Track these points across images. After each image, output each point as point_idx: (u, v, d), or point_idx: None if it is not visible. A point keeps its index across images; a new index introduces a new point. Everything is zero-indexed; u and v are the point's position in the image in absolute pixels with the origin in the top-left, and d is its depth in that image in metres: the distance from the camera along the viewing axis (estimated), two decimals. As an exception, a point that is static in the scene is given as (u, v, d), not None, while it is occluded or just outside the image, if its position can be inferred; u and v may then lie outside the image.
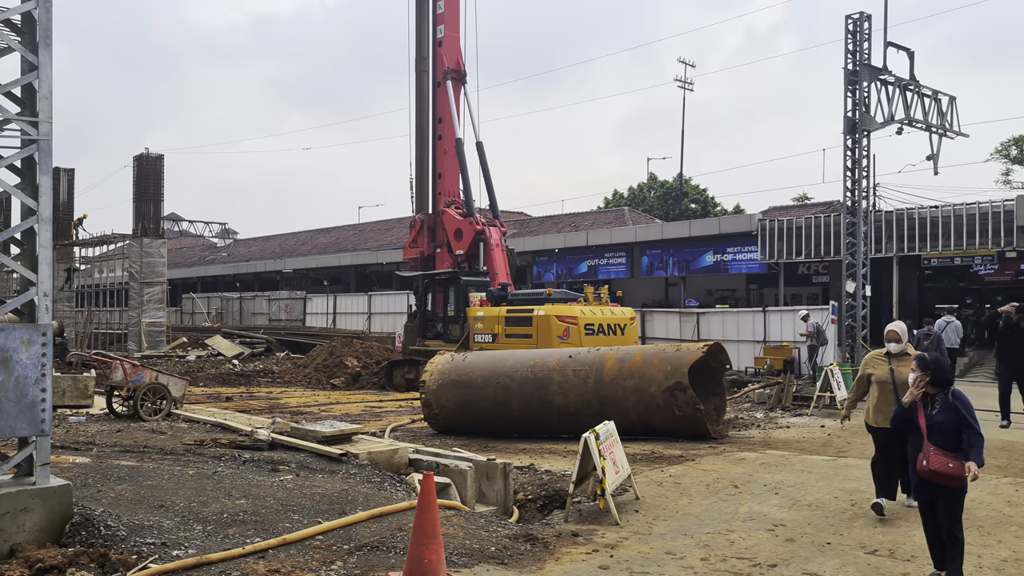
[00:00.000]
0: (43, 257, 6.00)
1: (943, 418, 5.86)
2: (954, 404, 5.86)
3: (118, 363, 14.50)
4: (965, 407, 5.84)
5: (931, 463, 5.79)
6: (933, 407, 5.96)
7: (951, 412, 5.85)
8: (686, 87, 53.81)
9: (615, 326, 19.98)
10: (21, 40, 6.10)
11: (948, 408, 5.88)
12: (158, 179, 32.33)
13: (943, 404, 5.91)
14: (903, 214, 26.75)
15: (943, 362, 6.09)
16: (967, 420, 5.80)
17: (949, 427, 5.82)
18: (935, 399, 5.96)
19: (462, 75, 24.23)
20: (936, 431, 5.86)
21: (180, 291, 52.12)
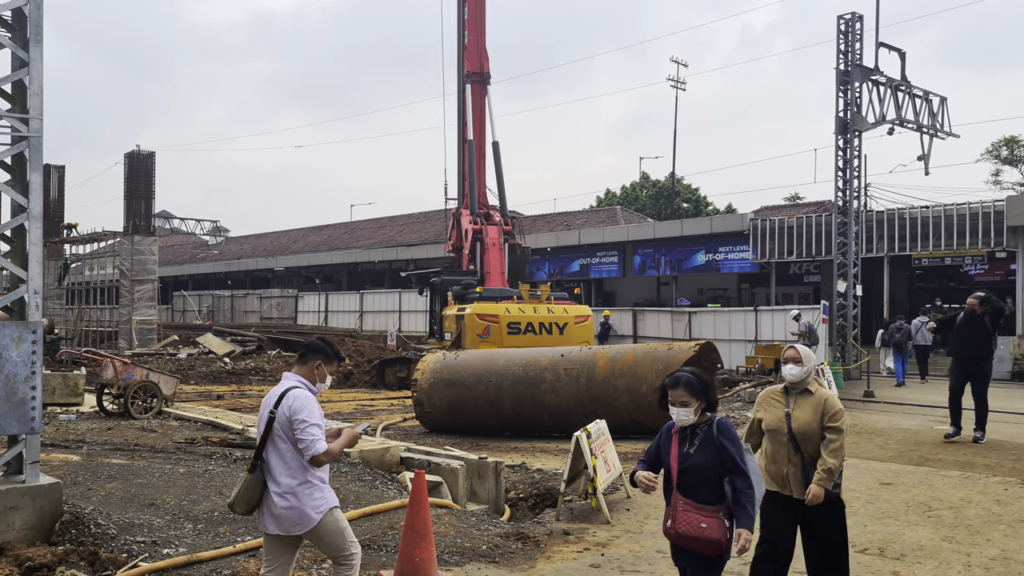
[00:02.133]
0: (33, 254, 5.97)
1: (701, 459, 4.29)
2: (718, 440, 4.30)
3: (108, 361, 14.45)
4: (733, 443, 4.31)
5: (678, 524, 4.27)
6: (690, 443, 4.38)
7: (713, 451, 4.29)
8: (678, 87, 53.93)
9: (550, 325, 19.72)
10: (11, 36, 6.07)
11: (710, 445, 4.31)
12: (149, 176, 32.18)
13: (704, 439, 4.35)
14: (894, 214, 26.86)
15: (703, 377, 4.47)
16: (734, 462, 4.25)
17: (708, 472, 4.28)
18: (695, 431, 4.39)
19: (484, 77, 24.39)
20: (690, 477, 4.30)
21: (171, 289, 51.94)
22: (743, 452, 4.36)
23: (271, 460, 4.43)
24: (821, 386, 5.29)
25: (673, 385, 4.43)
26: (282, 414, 4.39)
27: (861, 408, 16.53)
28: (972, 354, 11.85)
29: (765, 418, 5.26)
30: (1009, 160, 43.46)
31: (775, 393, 5.38)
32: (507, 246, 23.27)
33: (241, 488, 4.46)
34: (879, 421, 14.45)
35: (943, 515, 7.74)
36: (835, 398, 5.18)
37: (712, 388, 4.47)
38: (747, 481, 4.26)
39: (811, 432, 5.03)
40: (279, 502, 4.39)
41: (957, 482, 9.26)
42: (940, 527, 7.31)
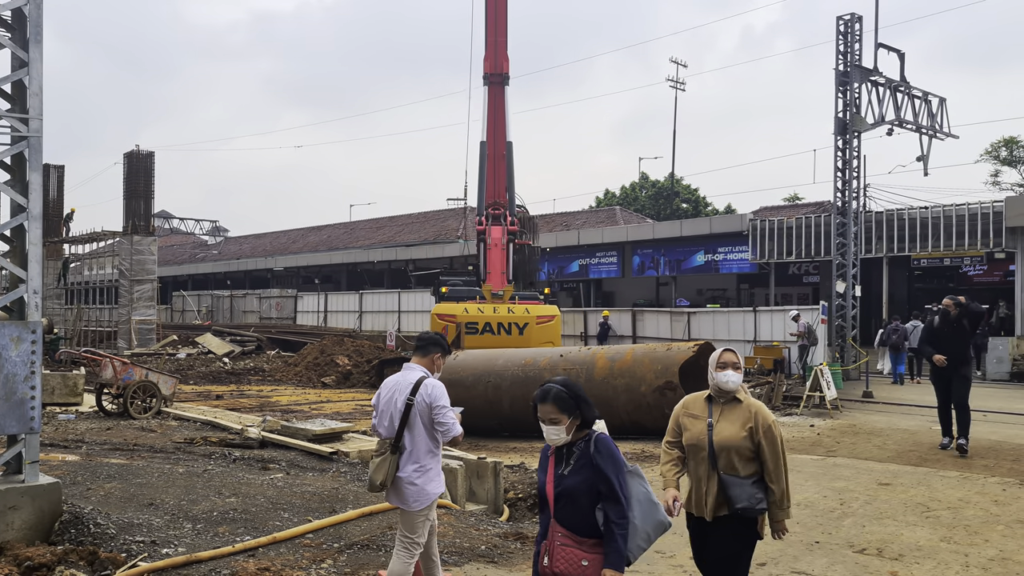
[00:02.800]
0: (33, 254, 5.98)
1: (576, 481, 3.71)
2: (595, 459, 3.71)
3: (108, 361, 14.45)
4: (611, 463, 3.70)
5: (556, 561, 3.71)
6: (566, 463, 3.79)
7: (589, 472, 3.70)
8: (678, 87, 53.97)
9: (510, 325, 19.62)
10: (11, 36, 6.08)
11: (586, 465, 3.72)
12: (149, 176, 32.18)
13: (580, 458, 3.76)
14: (893, 215, 26.87)
15: (575, 389, 3.85)
16: (610, 486, 3.66)
17: (586, 496, 3.69)
18: (571, 450, 3.80)
19: (503, 78, 24.45)
20: (566, 503, 3.72)
21: (170, 289, 51.94)
22: (624, 474, 3.73)
23: (407, 443, 5.00)
24: (749, 395, 4.59)
25: (541, 400, 3.81)
26: (421, 401, 4.97)
27: (860, 408, 16.55)
28: (952, 358, 11.05)
29: (686, 433, 4.57)
30: (1008, 161, 43.50)
31: (696, 403, 4.64)
32: (511, 246, 23.24)
33: (387, 467, 4.96)
34: (878, 421, 14.46)
35: (941, 515, 7.75)
36: (767, 409, 4.47)
37: (586, 401, 3.83)
38: (621, 510, 3.63)
39: (734, 448, 4.32)
40: (407, 480, 4.96)
41: (955, 483, 9.28)
42: (938, 527, 7.32)
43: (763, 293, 32.17)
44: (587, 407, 3.81)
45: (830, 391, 16.05)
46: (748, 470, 4.34)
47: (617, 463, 3.73)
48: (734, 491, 4.30)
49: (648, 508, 3.81)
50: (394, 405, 5.03)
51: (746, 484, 4.32)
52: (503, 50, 24.57)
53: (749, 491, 4.32)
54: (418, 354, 5.23)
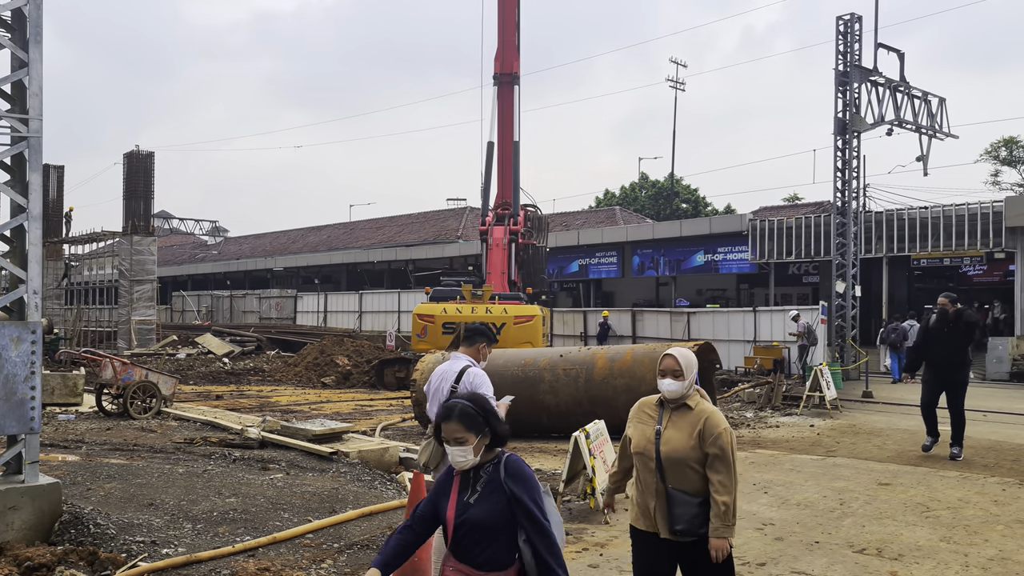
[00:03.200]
0: (33, 255, 5.98)
1: (483, 511, 3.23)
2: (506, 484, 3.24)
3: (108, 361, 14.45)
4: (526, 487, 3.24)
5: None
6: (472, 489, 3.31)
7: (500, 499, 3.23)
8: (678, 87, 53.97)
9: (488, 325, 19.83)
10: (11, 37, 6.08)
11: (496, 491, 3.25)
12: (148, 177, 32.20)
13: (488, 483, 3.28)
14: (893, 215, 26.88)
15: (483, 403, 3.40)
16: (530, 514, 3.21)
17: (493, 527, 3.23)
18: (479, 473, 3.32)
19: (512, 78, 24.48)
20: (467, 535, 3.24)
21: (170, 289, 51.93)
22: (541, 498, 3.29)
23: None
24: (705, 399, 4.19)
25: (445, 418, 3.33)
26: (464, 388, 5.22)
27: (860, 408, 16.55)
28: (947, 360, 10.60)
29: (633, 437, 4.19)
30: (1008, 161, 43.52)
31: (649, 406, 4.29)
32: (513, 246, 23.21)
33: (432, 451, 5.26)
34: (877, 421, 14.46)
35: (941, 515, 7.75)
36: (720, 416, 4.08)
37: (496, 415, 3.36)
38: (549, 539, 3.22)
39: (682, 458, 3.98)
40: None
41: (955, 482, 9.28)
42: (938, 527, 7.33)
43: (763, 293, 32.18)
44: (498, 422, 3.35)
45: (830, 391, 16.05)
46: (698, 484, 3.98)
47: (532, 486, 3.26)
48: (676, 509, 3.97)
49: (559, 530, 3.38)
50: (441, 392, 5.37)
51: (692, 503, 3.96)
52: (512, 50, 24.56)
53: (693, 512, 3.95)
54: (464, 344, 5.51)
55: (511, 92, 24.39)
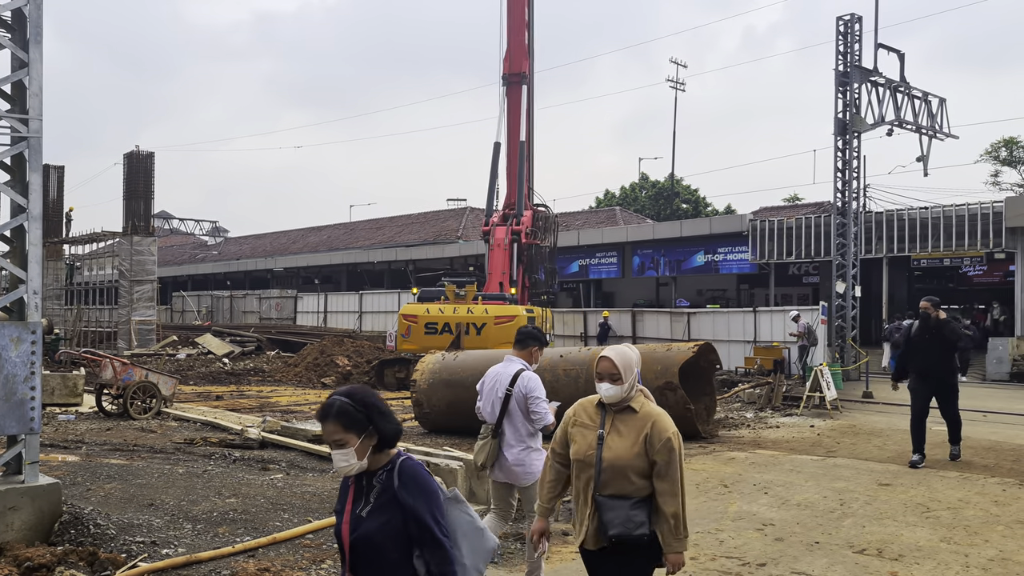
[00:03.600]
0: (33, 255, 5.98)
1: (377, 526, 2.87)
2: (400, 493, 2.87)
3: (108, 361, 14.45)
4: (423, 496, 2.88)
5: None
6: (365, 500, 2.95)
7: (394, 511, 2.87)
8: (678, 87, 53.97)
9: (468, 325, 19.93)
10: (11, 37, 6.08)
11: (390, 502, 2.88)
12: (148, 177, 32.19)
13: (382, 493, 2.91)
14: (893, 215, 26.88)
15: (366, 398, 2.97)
16: (425, 527, 2.85)
17: (387, 543, 2.87)
18: (372, 482, 2.95)
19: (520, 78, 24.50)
20: (362, 554, 2.90)
21: (170, 289, 51.92)
22: (440, 507, 2.92)
23: (506, 429, 5.55)
24: (650, 399, 3.82)
25: (322, 417, 2.98)
26: (519, 392, 5.51)
27: (860, 409, 16.55)
28: (934, 367, 10.12)
29: (573, 443, 3.80)
30: (1008, 161, 43.52)
31: (589, 408, 3.85)
32: (515, 246, 23.20)
33: (489, 451, 5.56)
34: (878, 422, 14.46)
35: (941, 516, 7.75)
36: (667, 418, 3.69)
37: (382, 412, 2.96)
38: (445, 556, 2.83)
39: (625, 466, 3.61)
40: (513, 461, 5.55)
41: (955, 483, 9.28)
42: (938, 528, 7.32)
43: (763, 293, 32.17)
44: (384, 419, 2.94)
45: (830, 391, 16.05)
46: (641, 492, 3.63)
47: (429, 494, 2.88)
48: (608, 515, 3.59)
49: (475, 539, 3.01)
50: (495, 394, 5.62)
51: (623, 505, 3.59)
52: (520, 50, 24.55)
53: (626, 514, 3.58)
54: (517, 347, 5.77)
55: (520, 92, 24.39)
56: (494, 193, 24.49)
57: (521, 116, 24.43)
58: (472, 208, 48.27)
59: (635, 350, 3.86)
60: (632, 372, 3.73)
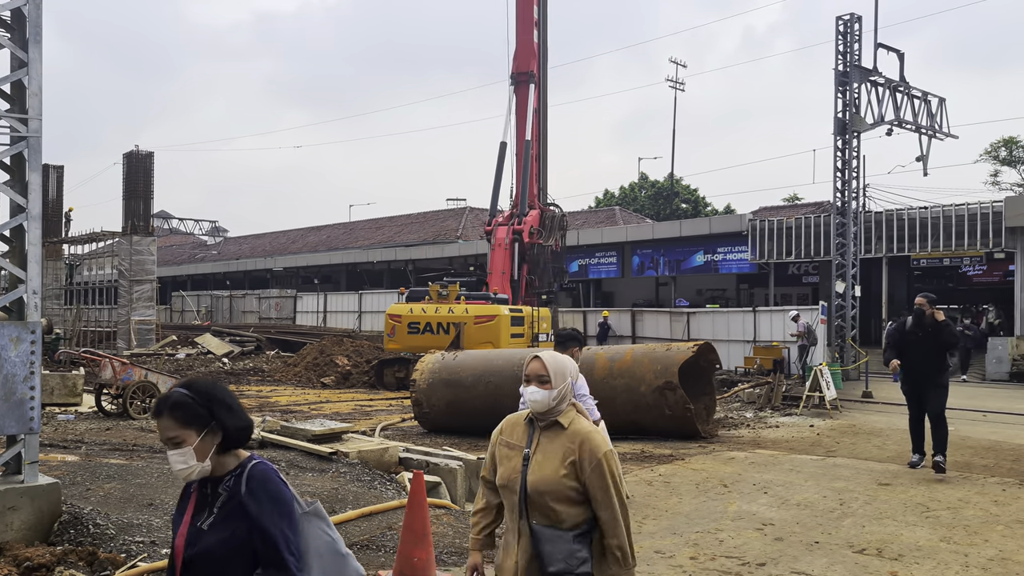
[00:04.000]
0: (32, 255, 5.97)
1: (219, 540, 2.50)
2: (246, 503, 2.50)
3: (107, 361, 14.45)
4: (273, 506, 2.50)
5: None
6: (208, 510, 2.56)
7: (240, 524, 2.49)
8: (677, 87, 53.97)
9: (448, 325, 20.15)
10: (10, 36, 6.07)
11: (236, 513, 2.51)
12: (148, 177, 32.20)
13: (227, 502, 2.53)
14: (892, 215, 26.88)
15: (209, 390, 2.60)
16: (272, 547, 2.47)
17: (233, 564, 2.50)
18: (217, 490, 2.57)
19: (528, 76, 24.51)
20: (201, 570, 2.51)
21: (170, 289, 51.90)
22: (292, 521, 2.52)
23: None
24: (583, 415, 3.33)
25: (157, 413, 2.59)
26: None
27: (859, 409, 16.55)
28: (926, 366, 9.77)
29: (499, 468, 3.35)
30: (1008, 161, 43.53)
31: (517, 425, 3.40)
32: (517, 245, 23.19)
33: None
34: (877, 422, 14.46)
35: (941, 515, 7.75)
36: (599, 436, 3.22)
37: (227, 406, 2.57)
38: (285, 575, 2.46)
39: (551, 491, 3.12)
40: None
41: (955, 483, 9.28)
42: (938, 527, 7.32)
43: (763, 293, 32.17)
44: (229, 414, 2.55)
45: (830, 391, 16.05)
46: (575, 519, 3.13)
47: (280, 504, 2.49)
48: (547, 547, 3.11)
49: (332, 564, 2.62)
50: None
51: (565, 538, 3.12)
52: (527, 49, 24.55)
53: (568, 548, 3.11)
54: (558, 348, 5.96)
55: (527, 91, 24.38)
56: (499, 193, 24.48)
57: (528, 115, 24.42)
58: (471, 208, 48.26)
59: (572, 361, 3.46)
60: (564, 380, 3.26)
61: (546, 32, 25.91)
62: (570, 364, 3.40)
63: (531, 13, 24.73)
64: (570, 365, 3.39)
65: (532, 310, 21.80)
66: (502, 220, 23.72)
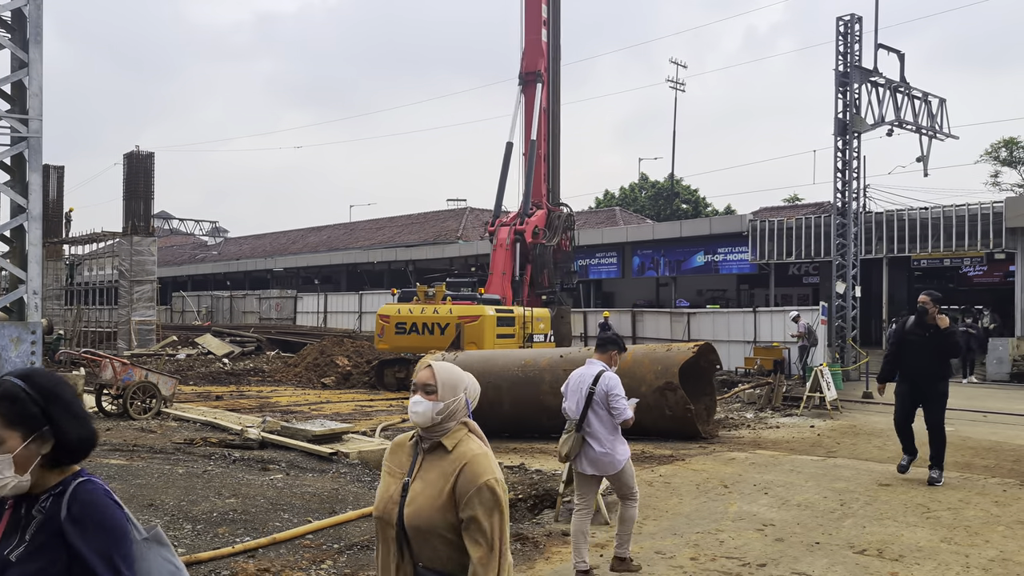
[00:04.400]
0: (32, 255, 5.98)
1: (26, 572, 2.01)
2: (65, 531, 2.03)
3: (107, 361, 14.44)
4: (100, 534, 2.05)
5: None
6: (21, 533, 2.06)
7: (57, 555, 2.01)
8: (677, 88, 53.96)
9: (433, 325, 20.31)
10: (11, 37, 6.08)
11: (52, 541, 2.03)
12: (148, 177, 32.19)
13: (43, 527, 2.04)
14: (893, 215, 26.87)
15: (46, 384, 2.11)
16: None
17: None
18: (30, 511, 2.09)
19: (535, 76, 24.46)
20: None
21: (170, 289, 51.91)
22: (123, 553, 2.08)
23: (592, 423, 6.09)
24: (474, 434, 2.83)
25: None
26: (600, 390, 6.08)
27: (860, 409, 16.54)
28: (925, 369, 9.17)
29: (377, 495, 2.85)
30: (1008, 161, 43.52)
31: (402, 449, 2.90)
32: (519, 246, 23.16)
33: (573, 444, 6.11)
34: (878, 422, 14.45)
35: (942, 516, 7.75)
36: (486, 460, 2.70)
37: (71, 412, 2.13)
38: None
39: (430, 525, 2.64)
40: (598, 451, 6.05)
41: (956, 483, 9.27)
42: (939, 528, 7.32)
43: (763, 294, 32.17)
44: (71, 420, 2.11)
45: (830, 392, 16.04)
46: (457, 562, 2.65)
47: (111, 532, 2.07)
48: None
49: None
50: (580, 392, 6.17)
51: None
52: (534, 48, 24.54)
53: None
54: (598, 352, 6.41)
55: (534, 91, 24.36)
56: (503, 193, 24.44)
57: (533, 116, 24.38)
58: (472, 208, 48.25)
59: (459, 372, 2.90)
60: (455, 394, 2.79)
61: (559, 31, 25.77)
62: (467, 380, 2.90)
63: (539, 12, 24.70)
64: (467, 381, 2.89)
65: (524, 311, 21.70)
66: (506, 220, 23.70)
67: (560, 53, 26.12)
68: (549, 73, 25.16)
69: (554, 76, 25.68)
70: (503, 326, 20.73)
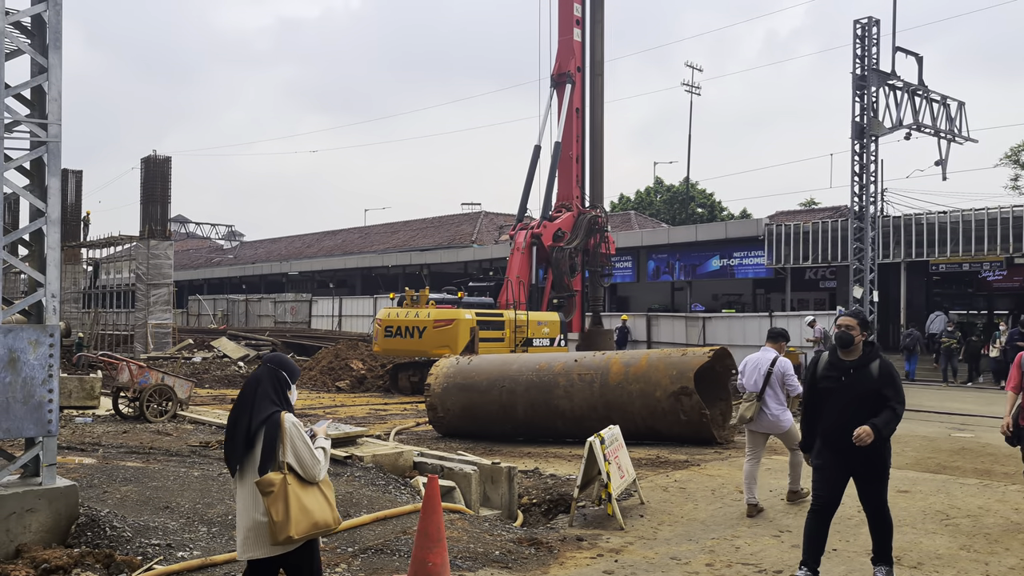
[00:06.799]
0: (51, 258, 6.02)
1: None
2: None
3: (124, 364, 14.54)
4: None
5: None
6: None
7: None
8: (693, 91, 53.80)
9: (412, 328, 20.56)
10: (31, 42, 6.13)
11: None
12: (165, 181, 32.41)
13: None
14: (911, 219, 26.67)
15: None
16: None
17: None
18: None
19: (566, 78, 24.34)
20: None
21: (186, 293, 52.25)
22: None
23: (767, 396, 8.10)
24: None
25: None
26: (778, 371, 8.09)
27: (877, 415, 16.36)
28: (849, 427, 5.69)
29: None
30: (1027, 165, 43.08)
31: None
32: (535, 249, 23.07)
33: (754, 409, 8.09)
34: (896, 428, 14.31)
35: (961, 523, 7.66)
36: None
37: None
38: None
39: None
40: (772, 417, 8.14)
41: (975, 490, 9.17)
42: (958, 536, 7.24)
43: (779, 298, 32.00)
44: None
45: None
46: None
47: None
48: None
49: None
50: (758, 371, 8.14)
51: None
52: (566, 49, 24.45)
53: None
54: (770, 342, 8.37)
55: (563, 93, 24.25)
56: (528, 197, 24.35)
57: (560, 118, 24.27)
58: (486, 212, 48.31)
59: None
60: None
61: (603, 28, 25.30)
62: None
63: (572, 12, 24.62)
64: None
65: (517, 314, 21.47)
66: (535, 224, 23.56)
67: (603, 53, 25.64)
68: (582, 73, 24.93)
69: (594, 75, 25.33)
70: (489, 330, 20.64)
